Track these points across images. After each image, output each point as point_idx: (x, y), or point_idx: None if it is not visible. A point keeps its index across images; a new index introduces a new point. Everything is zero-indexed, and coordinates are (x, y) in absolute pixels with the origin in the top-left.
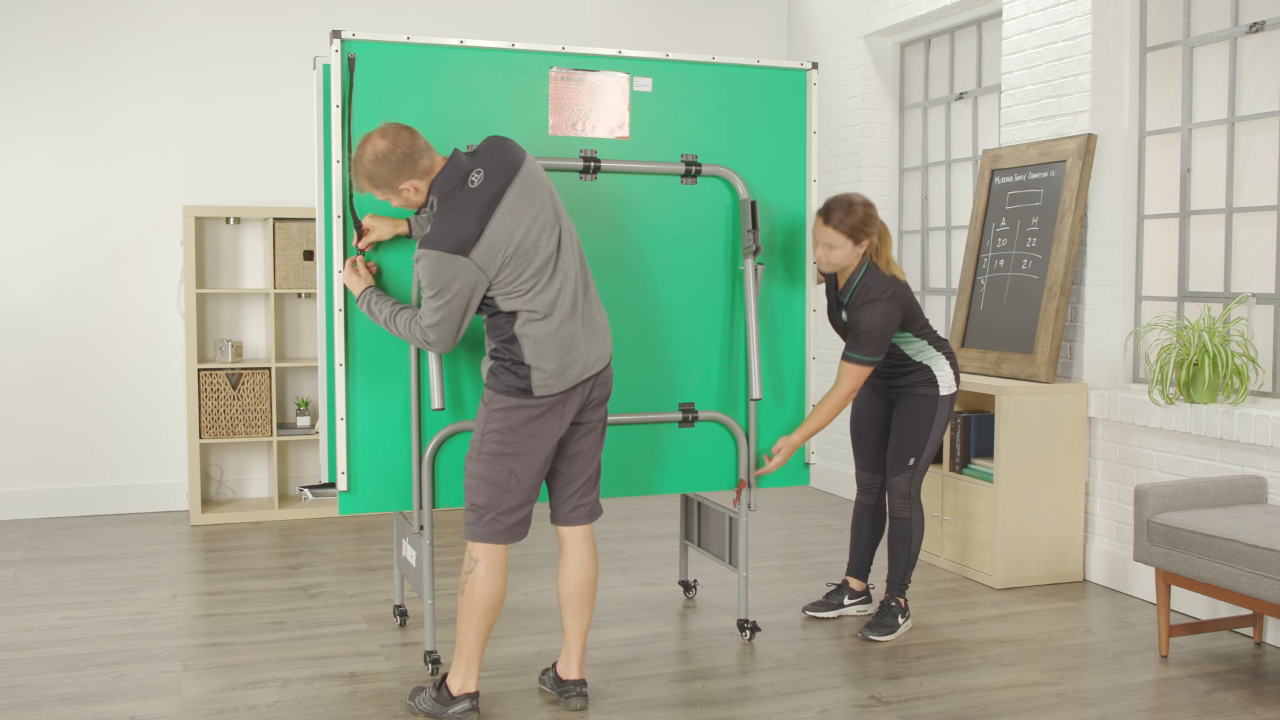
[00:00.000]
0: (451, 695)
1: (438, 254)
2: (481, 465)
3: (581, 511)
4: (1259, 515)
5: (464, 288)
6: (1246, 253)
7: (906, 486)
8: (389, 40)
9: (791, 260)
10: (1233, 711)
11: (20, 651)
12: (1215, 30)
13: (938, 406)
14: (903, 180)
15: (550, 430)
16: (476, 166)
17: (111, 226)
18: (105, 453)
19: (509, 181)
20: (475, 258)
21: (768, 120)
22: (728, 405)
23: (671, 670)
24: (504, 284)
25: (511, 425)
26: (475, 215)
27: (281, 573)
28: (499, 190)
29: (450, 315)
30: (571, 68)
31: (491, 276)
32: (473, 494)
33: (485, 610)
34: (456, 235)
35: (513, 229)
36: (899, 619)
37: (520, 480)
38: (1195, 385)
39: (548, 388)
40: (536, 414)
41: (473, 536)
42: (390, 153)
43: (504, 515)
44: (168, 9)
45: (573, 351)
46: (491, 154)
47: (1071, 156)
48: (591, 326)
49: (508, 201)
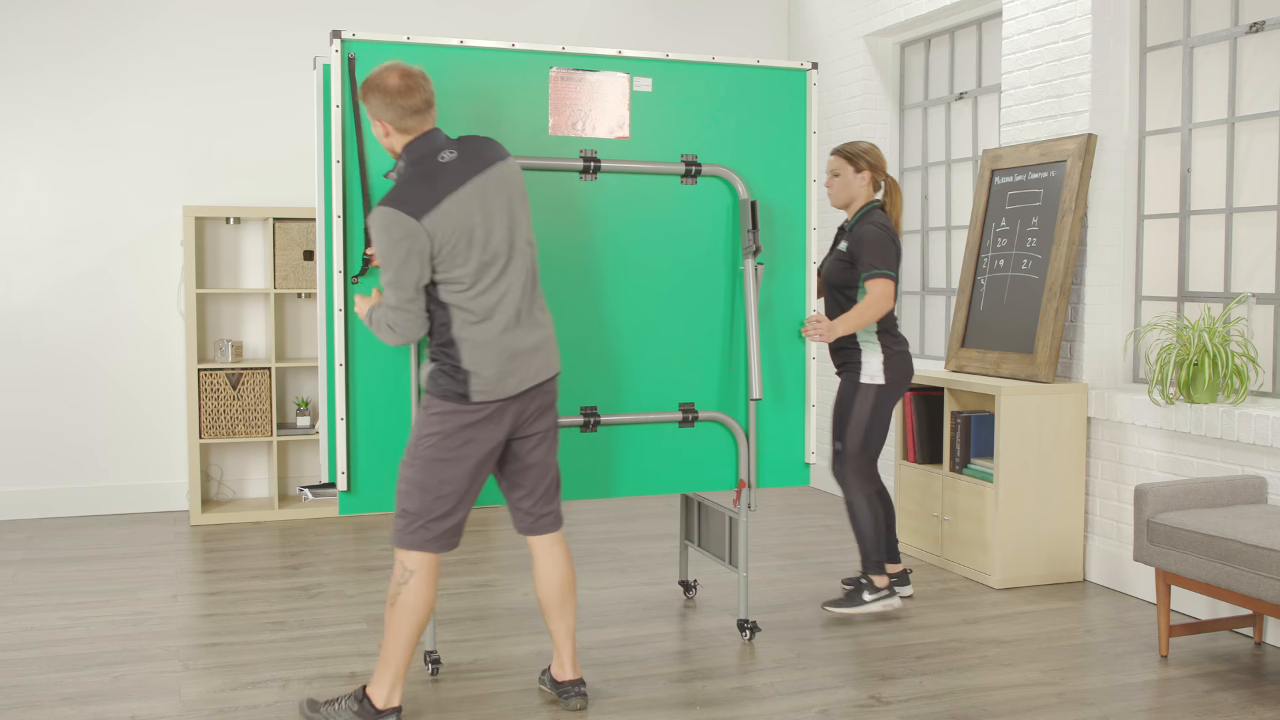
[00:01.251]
0: (376, 709)
1: (391, 210)
2: (414, 470)
3: (546, 521)
4: (1259, 515)
5: (413, 252)
6: (1246, 253)
7: (839, 470)
8: (389, 40)
9: (791, 260)
10: (1233, 711)
11: (20, 651)
12: (1215, 30)
13: (857, 394)
14: (903, 180)
15: (487, 437)
16: (451, 147)
17: (112, 226)
18: (105, 453)
19: (479, 170)
20: (426, 224)
21: (768, 120)
22: (728, 405)
23: (671, 670)
24: (446, 265)
25: (447, 430)
26: (436, 186)
27: (281, 573)
28: (467, 174)
29: (403, 279)
30: (571, 68)
31: (436, 249)
32: (404, 499)
33: (419, 623)
34: (413, 198)
35: (470, 213)
36: (863, 596)
37: (453, 487)
38: (1195, 385)
39: (486, 394)
40: (473, 420)
41: (401, 544)
42: (395, 92)
43: (434, 523)
44: (168, 10)
45: (514, 359)
46: (471, 144)
47: (1071, 156)
48: (537, 337)
49: (470, 187)
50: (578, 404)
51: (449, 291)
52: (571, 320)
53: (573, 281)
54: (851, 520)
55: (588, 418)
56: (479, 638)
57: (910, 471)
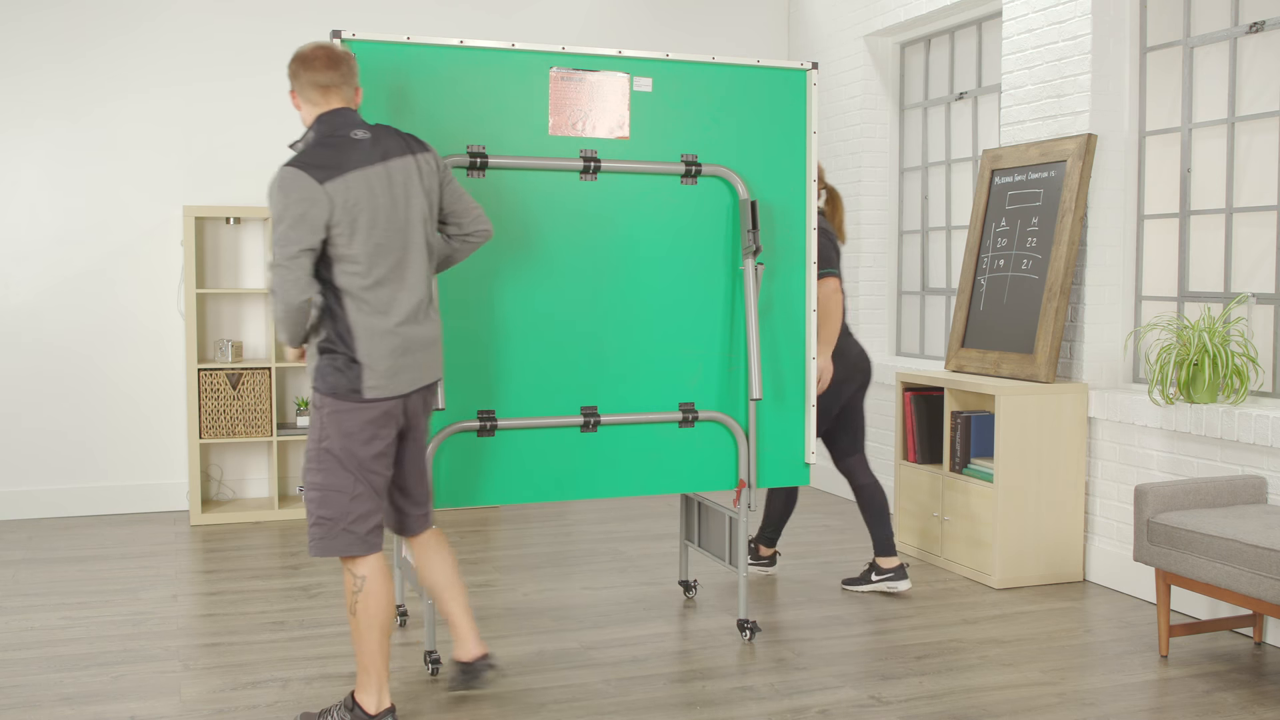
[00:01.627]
0: (369, 714)
1: (295, 171)
2: (323, 475)
3: (421, 518)
4: (1259, 515)
5: (307, 216)
6: (1246, 253)
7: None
8: (389, 40)
9: (791, 260)
10: (1233, 711)
11: (20, 651)
12: (1215, 30)
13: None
14: (903, 180)
15: (389, 434)
16: (367, 130)
17: (112, 226)
18: (105, 453)
19: (391, 156)
20: (328, 189)
21: (768, 120)
22: (728, 405)
23: (671, 670)
24: (342, 240)
25: (348, 430)
26: (343, 158)
27: (281, 573)
28: (377, 156)
29: (290, 237)
30: (571, 68)
31: (333, 220)
32: (317, 506)
33: (385, 624)
34: (318, 163)
35: (373, 193)
36: (871, 576)
37: (364, 487)
38: (1195, 385)
39: (379, 390)
40: (373, 416)
41: (325, 552)
42: (308, 61)
43: (355, 524)
44: (168, 10)
45: (408, 355)
46: (388, 132)
47: (1071, 156)
48: (429, 337)
49: (379, 169)
50: (578, 404)
51: (344, 274)
52: (571, 320)
53: (573, 282)
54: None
55: (588, 418)
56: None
57: (910, 471)
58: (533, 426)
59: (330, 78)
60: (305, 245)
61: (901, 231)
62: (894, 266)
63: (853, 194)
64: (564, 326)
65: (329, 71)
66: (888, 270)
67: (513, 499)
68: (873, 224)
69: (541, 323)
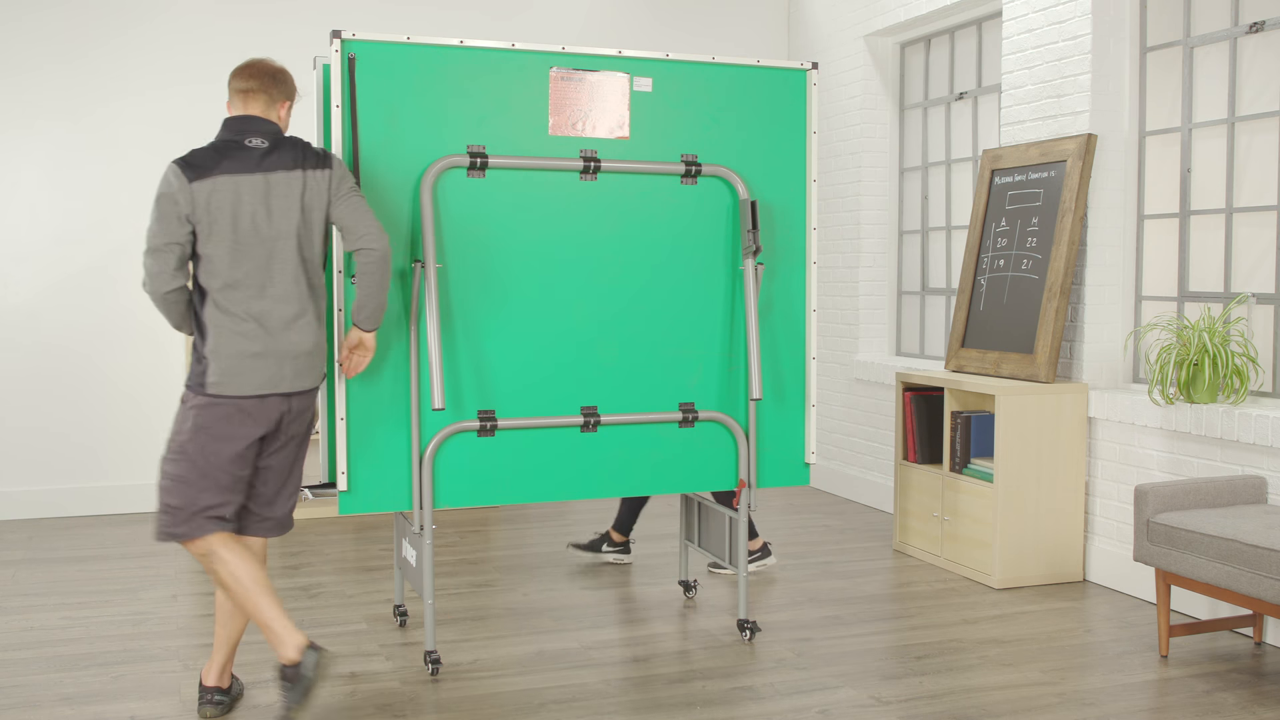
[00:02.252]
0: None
1: (172, 167)
2: (174, 465)
3: (266, 525)
4: (1259, 515)
5: (169, 211)
6: (1246, 253)
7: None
8: (389, 40)
9: (791, 260)
10: (1233, 711)
11: (20, 651)
12: (1215, 30)
13: None
14: (903, 180)
15: (244, 434)
16: (269, 140)
17: (112, 226)
18: (105, 452)
19: (280, 168)
20: (194, 188)
21: (768, 120)
22: (728, 405)
23: (671, 670)
24: (202, 238)
25: (200, 424)
26: (222, 161)
27: (281, 573)
28: (263, 165)
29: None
30: (571, 68)
31: (195, 217)
32: (166, 494)
33: (256, 582)
34: (194, 162)
35: (240, 199)
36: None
37: (214, 480)
38: (1195, 385)
39: (221, 387)
40: (226, 413)
41: (168, 538)
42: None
43: (200, 513)
44: (169, 10)
45: (262, 359)
46: (295, 146)
47: (1071, 156)
48: (297, 346)
49: (257, 178)
50: (578, 404)
51: (203, 272)
52: (572, 320)
53: (573, 281)
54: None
55: (588, 418)
56: (479, 638)
57: (910, 471)
58: (533, 426)
59: (248, 84)
60: (168, 238)
61: (901, 231)
62: (894, 266)
63: (853, 194)
64: (564, 326)
65: (247, 79)
66: (888, 270)
67: (513, 499)
68: (873, 224)
69: (541, 322)
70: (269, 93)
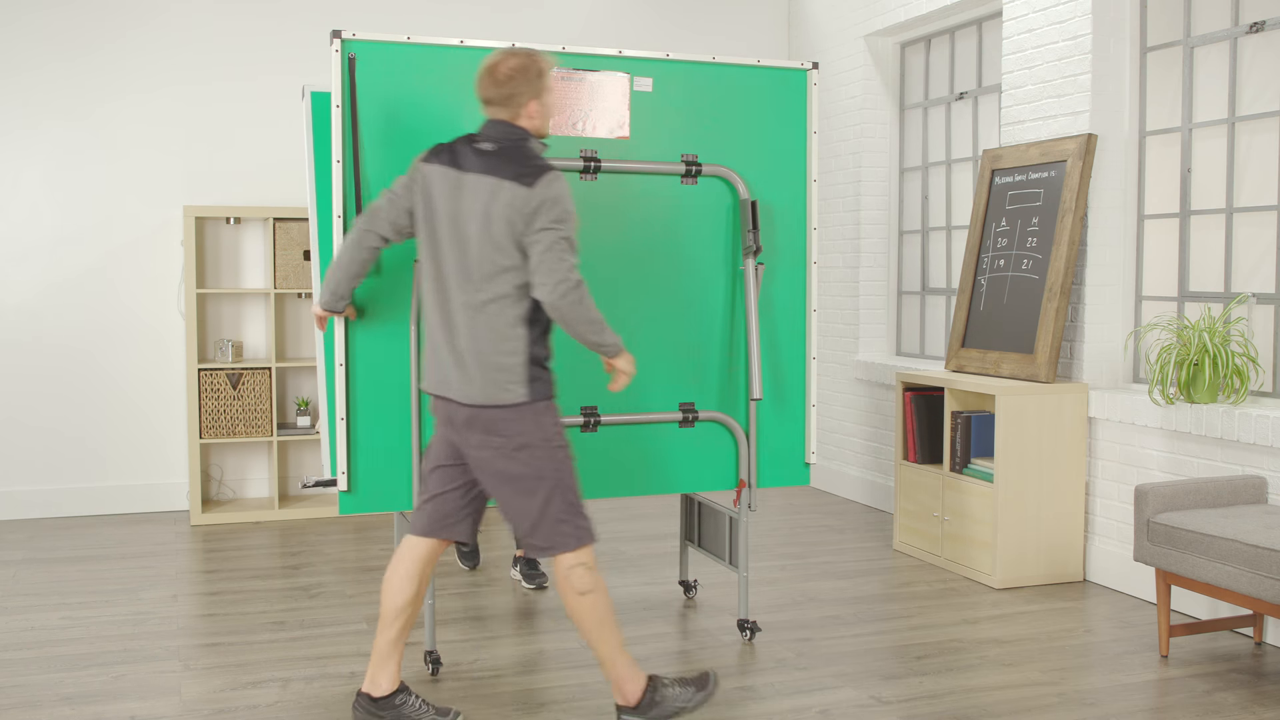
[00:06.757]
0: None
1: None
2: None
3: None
4: (1259, 515)
5: (399, 183)
6: (1246, 253)
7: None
8: (389, 40)
9: (791, 260)
10: (1233, 711)
11: (20, 651)
12: (1215, 30)
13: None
14: (903, 180)
15: (441, 431)
16: (496, 144)
17: (112, 226)
18: (105, 452)
19: (488, 173)
20: (421, 169)
21: (768, 120)
22: (728, 405)
23: (672, 670)
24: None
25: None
26: (447, 154)
27: (281, 573)
28: (476, 168)
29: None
30: (571, 68)
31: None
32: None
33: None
34: (434, 149)
35: (445, 197)
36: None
37: (425, 466)
38: (1195, 385)
39: (424, 380)
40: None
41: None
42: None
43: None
44: (170, 10)
45: (435, 356)
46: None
47: (1072, 156)
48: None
49: (467, 179)
50: (578, 404)
51: (419, 258)
52: None
53: None
54: None
55: (588, 418)
56: (479, 638)
57: (910, 471)
58: None
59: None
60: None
61: (901, 231)
62: (894, 266)
63: (853, 194)
64: None
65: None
66: (888, 270)
67: None
68: (873, 224)
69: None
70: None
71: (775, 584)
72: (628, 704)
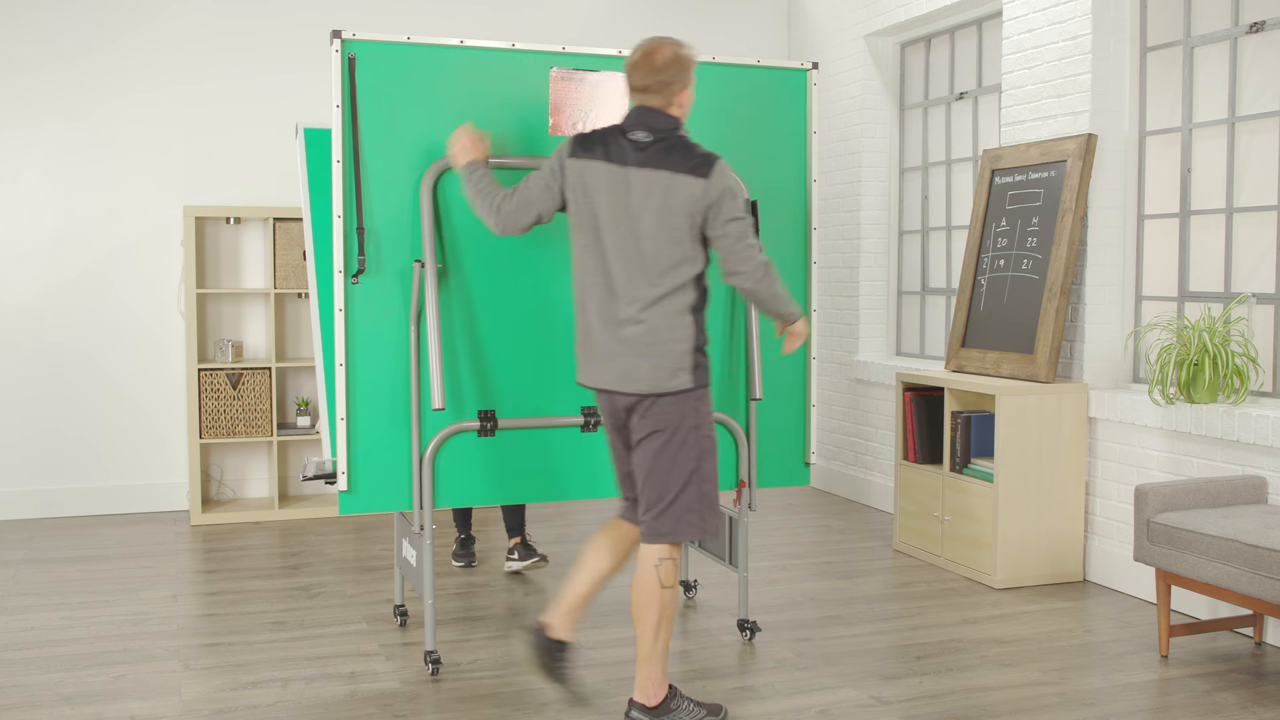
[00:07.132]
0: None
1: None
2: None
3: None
4: (1259, 515)
5: (542, 172)
6: (1246, 253)
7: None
8: (389, 40)
9: (791, 260)
10: (1233, 711)
11: (20, 651)
12: (1215, 30)
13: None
14: (903, 180)
15: (609, 422)
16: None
17: (112, 226)
18: (105, 453)
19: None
20: (567, 164)
21: (768, 120)
22: (728, 405)
23: (672, 670)
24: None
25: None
26: (598, 148)
27: (281, 573)
28: (636, 160)
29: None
30: (571, 68)
31: (566, 190)
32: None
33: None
34: (580, 141)
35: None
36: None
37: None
38: (1195, 385)
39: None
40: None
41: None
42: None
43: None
44: (169, 10)
45: (588, 349)
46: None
47: (1071, 156)
48: (617, 346)
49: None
50: (578, 404)
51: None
52: (572, 320)
53: None
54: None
55: (588, 418)
56: (479, 638)
57: (910, 471)
58: (533, 426)
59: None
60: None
61: (901, 231)
62: (894, 266)
63: (852, 194)
64: (564, 326)
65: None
66: (887, 270)
67: (513, 499)
68: (872, 224)
69: (541, 323)
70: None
71: (775, 584)
72: (646, 704)
